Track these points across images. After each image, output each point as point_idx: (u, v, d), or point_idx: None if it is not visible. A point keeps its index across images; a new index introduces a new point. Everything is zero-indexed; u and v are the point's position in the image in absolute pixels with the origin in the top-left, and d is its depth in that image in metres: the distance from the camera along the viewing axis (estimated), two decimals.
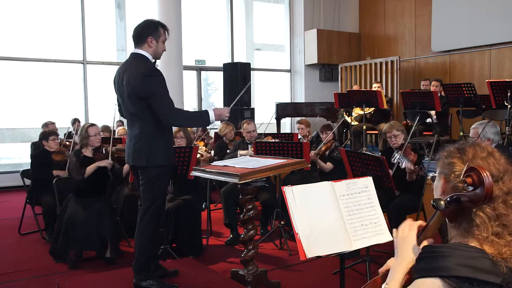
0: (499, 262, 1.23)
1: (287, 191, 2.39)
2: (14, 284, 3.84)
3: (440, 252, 1.26)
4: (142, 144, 3.31)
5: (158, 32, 3.35)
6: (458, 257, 1.23)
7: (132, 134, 3.39)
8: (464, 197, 1.27)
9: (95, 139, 4.37)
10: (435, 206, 1.31)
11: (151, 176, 3.34)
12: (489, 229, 1.27)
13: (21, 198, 5.66)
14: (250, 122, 5.55)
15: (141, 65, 3.27)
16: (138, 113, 3.30)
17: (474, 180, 1.25)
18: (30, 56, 8.91)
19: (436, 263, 1.24)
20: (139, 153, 3.32)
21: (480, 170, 1.24)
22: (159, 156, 3.33)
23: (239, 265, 3.71)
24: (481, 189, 1.23)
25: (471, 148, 1.36)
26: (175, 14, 8.56)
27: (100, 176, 4.37)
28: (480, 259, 1.22)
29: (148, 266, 3.41)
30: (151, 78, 3.22)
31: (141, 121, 3.31)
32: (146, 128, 3.31)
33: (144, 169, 3.35)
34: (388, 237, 2.49)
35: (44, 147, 5.14)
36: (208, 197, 5.03)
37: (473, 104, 6.20)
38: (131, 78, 3.23)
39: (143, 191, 3.39)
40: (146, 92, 3.19)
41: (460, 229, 1.32)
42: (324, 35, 10.91)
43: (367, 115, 7.21)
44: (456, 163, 1.35)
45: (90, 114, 9.29)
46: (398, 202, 4.14)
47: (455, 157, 1.36)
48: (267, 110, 10.44)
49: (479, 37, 8.71)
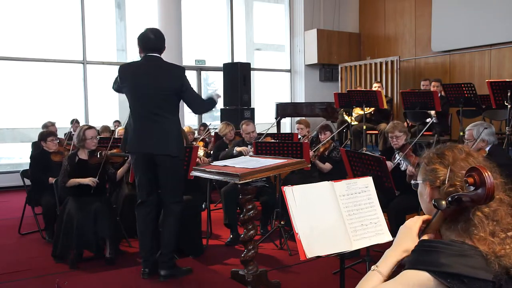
0: (492, 260, 1.23)
1: (287, 191, 2.39)
2: (14, 284, 3.84)
3: (434, 247, 1.26)
4: (171, 135, 3.60)
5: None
6: (450, 253, 1.23)
7: (158, 128, 3.61)
8: (465, 197, 1.27)
9: (91, 142, 4.40)
10: (436, 206, 1.31)
11: (177, 167, 3.66)
12: (486, 228, 1.28)
13: (21, 198, 5.65)
14: (249, 123, 5.54)
15: (173, 64, 3.78)
16: (168, 109, 3.63)
17: (475, 180, 1.25)
18: (30, 56, 8.92)
19: (427, 257, 1.24)
20: (170, 143, 3.59)
21: (482, 170, 1.24)
22: (182, 149, 3.74)
23: (239, 265, 3.71)
24: (483, 189, 1.23)
25: (449, 152, 1.40)
26: (175, 14, 8.57)
27: (99, 180, 4.40)
28: (473, 256, 1.23)
29: (172, 256, 3.75)
30: (185, 76, 3.70)
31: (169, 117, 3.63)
32: (173, 123, 3.65)
33: (173, 159, 3.59)
34: (388, 237, 2.49)
35: (43, 147, 5.15)
36: (208, 197, 5.03)
37: (473, 104, 6.20)
38: (172, 73, 3.66)
39: (170, 184, 3.64)
40: (184, 86, 3.63)
41: (457, 228, 1.32)
42: (324, 35, 10.91)
43: (367, 115, 7.21)
44: (438, 169, 1.38)
45: (90, 114, 9.29)
46: (398, 202, 4.14)
47: (436, 163, 1.40)
48: (267, 110, 10.46)
49: (479, 37, 8.71)
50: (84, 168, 4.39)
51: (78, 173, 4.36)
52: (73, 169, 4.36)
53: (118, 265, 4.16)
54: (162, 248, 3.71)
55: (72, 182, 4.33)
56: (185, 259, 4.24)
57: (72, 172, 4.35)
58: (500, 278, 1.22)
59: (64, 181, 4.34)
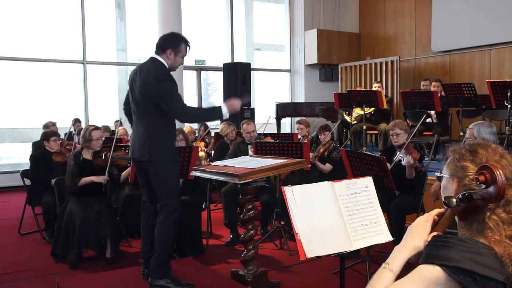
0: (507, 262, 1.21)
1: (287, 191, 2.39)
2: (14, 284, 3.84)
3: (447, 242, 1.24)
4: (145, 141, 3.45)
5: (179, 47, 3.50)
6: (464, 249, 1.21)
7: (138, 132, 3.52)
8: (476, 195, 1.25)
9: (96, 143, 4.40)
10: (446, 203, 1.30)
11: (159, 172, 3.46)
12: (502, 232, 1.25)
13: (21, 198, 5.66)
14: (250, 123, 5.54)
15: (156, 69, 3.43)
16: (147, 113, 3.45)
17: (486, 178, 1.23)
18: (30, 56, 8.91)
19: (440, 252, 1.22)
20: (143, 149, 3.45)
21: (493, 168, 1.22)
22: (162, 152, 3.45)
23: (239, 265, 3.71)
24: (494, 187, 1.21)
25: (483, 151, 1.34)
26: (175, 14, 8.56)
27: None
28: (487, 256, 1.20)
29: (167, 262, 3.50)
30: (163, 83, 3.36)
31: (148, 121, 3.46)
32: (151, 127, 3.45)
33: (150, 164, 3.45)
34: (388, 237, 2.49)
35: (45, 147, 5.14)
36: (208, 197, 5.03)
37: (473, 104, 6.20)
38: (145, 79, 3.39)
39: (157, 189, 3.48)
40: (156, 95, 3.35)
41: (472, 229, 1.30)
42: (324, 35, 10.91)
43: (367, 115, 7.21)
44: (469, 167, 1.33)
45: (90, 114, 9.29)
46: (398, 202, 4.14)
47: (468, 160, 1.34)
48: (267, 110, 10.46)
49: (479, 37, 8.70)
50: (89, 168, 4.38)
51: (82, 173, 4.35)
52: (79, 169, 4.34)
53: (118, 265, 4.17)
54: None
55: (85, 180, 4.31)
56: (185, 259, 4.24)
57: (77, 172, 4.33)
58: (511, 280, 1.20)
59: (75, 182, 4.30)
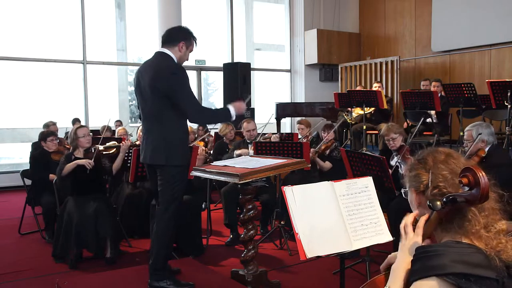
0: (492, 256, 1.24)
1: (287, 191, 2.39)
2: (14, 284, 3.84)
3: (434, 251, 1.27)
4: (160, 143, 3.33)
5: (191, 40, 3.43)
6: (453, 254, 1.24)
7: (150, 133, 3.40)
8: (460, 198, 1.28)
9: (84, 140, 4.43)
10: (431, 206, 1.32)
11: (170, 176, 3.36)
12: (480, 221, 1.30)
13: (21, 198, 5.65)
14: (250, 121, 5.55)
15: (166, 62, 3.30)
16: (158, 113, 3.31)
17: (470, 180, 1.26)
18: (30, 56, 8.92)
19: (431, 262, 1.25)
20: (158, 152, 3.33)
21: (476, 171, 1.24)
22: (178, 156, 3.35)
23: (239, 265, 3.71)
24: (477, 189, 1.24)
25: (430, 156, 1.43)
26: (175, 14, 8.56)
27: (95, 174, 4.42)
28: (474, 255, 1.24)
29: (165, 265, 3.45)
30: (176, 76, 3.24)
31: (161, 123, 3.32)
32: (165, 130, 3.32)
33: (163, 168, 3.36)
34: (388, 237, 2.49)
35: (43, 147, 5.15)
36: (208, 197, 5.03)
37: (473, 104, 6.20)
38: (157, 74, 3.24)
39: (161, 191, 3.40)
40: (171, 89, 3.21)
41: (453, 227, 1.33)
42: (324, 35, 10.91)
43: (367, 115, 7.21)
44: (420, 173, 1.42)
45: (90, 114, 9.29)
46: (398, 202, 4.14)
47: (418, 168, 1.43)
48: (267, 110, 10.45)
49: (479, 37, 8.71)
50: (81, 166, 4.38)
51: (75, 172, 4.36)
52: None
53: (118, 265, 4.16)
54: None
55: (68, 167, 4.33)
56: (185, 259, 4.24)
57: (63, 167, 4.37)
58: (502, 275, 1.23)
59: (61, 176, 4.33)
